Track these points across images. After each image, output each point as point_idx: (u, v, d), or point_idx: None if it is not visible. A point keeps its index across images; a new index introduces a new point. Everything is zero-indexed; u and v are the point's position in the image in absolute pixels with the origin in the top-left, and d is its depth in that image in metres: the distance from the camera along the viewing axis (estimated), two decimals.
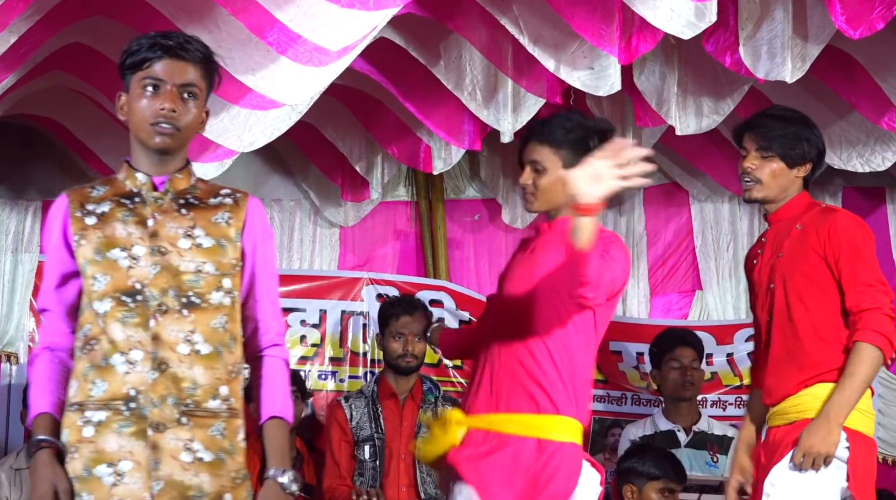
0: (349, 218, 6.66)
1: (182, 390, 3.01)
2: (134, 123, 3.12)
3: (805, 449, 3.75)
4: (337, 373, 6.37)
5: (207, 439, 3.02)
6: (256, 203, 3.23)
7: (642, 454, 5.19)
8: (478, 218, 6.96)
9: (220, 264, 3.10)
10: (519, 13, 4.89)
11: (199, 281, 3.07)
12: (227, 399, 3.07)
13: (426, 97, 5.56)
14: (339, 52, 4.39)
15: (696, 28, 4.55)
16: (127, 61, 3.12)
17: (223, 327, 3.08)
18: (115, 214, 3.10)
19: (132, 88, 3.12)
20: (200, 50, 3.15)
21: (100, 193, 3.15)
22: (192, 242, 3.09)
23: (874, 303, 3.80)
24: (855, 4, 4.63)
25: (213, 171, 5.04)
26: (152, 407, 2.99)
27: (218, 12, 4.34)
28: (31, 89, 4.94)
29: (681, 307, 7.00)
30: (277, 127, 4.79)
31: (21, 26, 4.14)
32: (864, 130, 5.97)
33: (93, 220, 3.09)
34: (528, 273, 3.68)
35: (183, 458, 2.99)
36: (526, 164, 3.74)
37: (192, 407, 3.01)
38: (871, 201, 7.01)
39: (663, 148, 6.52)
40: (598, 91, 4.98)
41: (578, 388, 3.65)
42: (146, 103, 3.08)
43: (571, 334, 3.64)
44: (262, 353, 3.21)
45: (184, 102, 3.10)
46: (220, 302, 3.09)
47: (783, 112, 4.09)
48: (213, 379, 3.05)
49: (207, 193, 3.19)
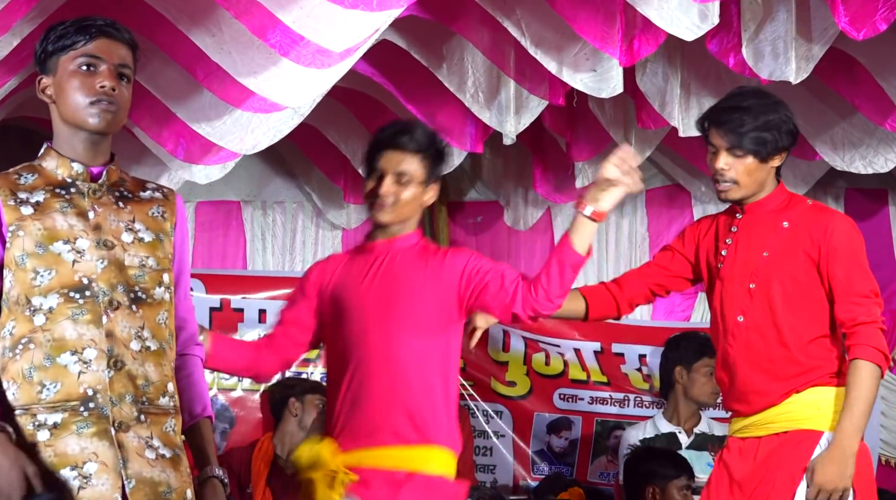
0: (352, 220, 6.66)
1: (138, 388, 2.92)
2: (67, 104, 2.96)
3: (820, 485, 3.64)
4: None
5: (164, 435, 2.96)
6: (181, 199, 3.15)
7: (657, 456, 5.21)
8: (480, 220, 6.96)
9: (160, 259, 3.02)
10: (521, 15, 4.89)
11: (143, 276, 2.98)
12: (172, 396, 3.01)
13: (428, 99, 5.56)
14: (342, 55, 4.38)
15: (699, 30, 4.54)
16: (52, 45, 2.96)
17: (164, 323, 3.01)
18: (52, 204, 2.94)
19: (61, 69, 2.96)
20: (130, 34, 3.03)
21: (29, 180, 2.98)
22: (135, 236, 2.99)
23: (869, 316, 3.70)
24: (858, 6, 4.62)
25: (216, 173, 5.04)
26: (112, 406, 2.88)
27: (220, 14, 4.33)
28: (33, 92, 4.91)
29: (683, 309, 6.99)
30: (280, 129, 4.78)
31: (24, 29, 4.14)
32: (867, 132, 5.96)
33: (29, 210, 2.93)
34: (394, 294, 3.60)
35: (148, 455, 2.91)
36: (387, 172, 3.64)
37: (147, 405, 2.93)
38: (873, 203, 7.01)
39: (665, 149, 6.52)
40: (600, 93, 4.98)
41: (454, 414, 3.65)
42: (81, 81, 2.94)
43: (453, 358, 3.64)
44: (187, 351, 3.15)
45: (120, 81, 2.97)
46: (161, 298, 3.01)
47: (749, 101, 3.84)
48: (162, 376, 2.98)
49: (136, 186, 3.08)
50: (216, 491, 3.07)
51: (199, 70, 4.62)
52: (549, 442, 6.61)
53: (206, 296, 6.00)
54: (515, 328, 6.55)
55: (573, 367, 6.62)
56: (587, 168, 6.28)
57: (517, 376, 6.55)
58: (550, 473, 6.37)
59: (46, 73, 3.01)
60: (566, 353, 6.59)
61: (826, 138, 6.05)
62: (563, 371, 6.59)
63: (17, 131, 5.97)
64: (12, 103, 4.90)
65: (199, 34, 4.42)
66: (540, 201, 6.72)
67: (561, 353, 6.60)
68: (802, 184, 6.67)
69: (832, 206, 7.00)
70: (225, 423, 6.11)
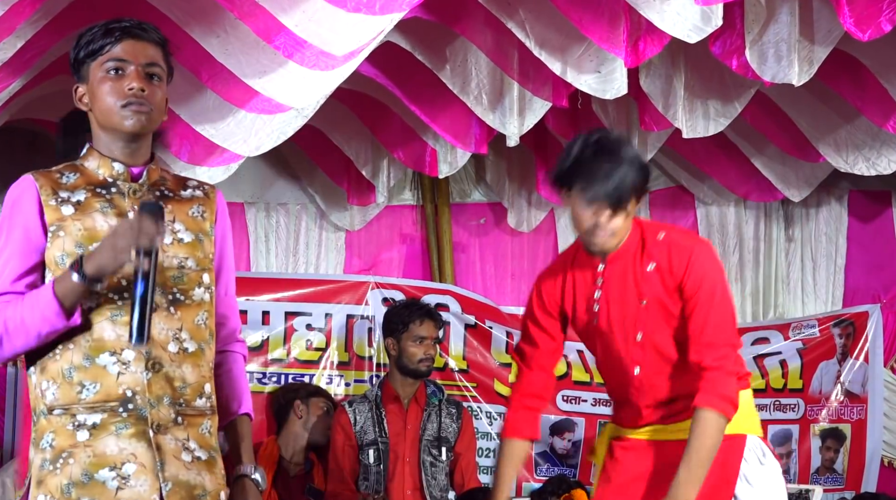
0: (355, 222, 6.66)
1: (175, 390, 2.91)
2: (101, 109, 2.95)
3: None
4: (343, 377, 6.37)
5: (200, 437, 2.95)
6: (222, 196, 3.13)
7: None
8: (483, 222, 6.96)
9: (200, 260, 3.00)
10: (525, 17, 4.89)
11: (182, 277, 2.96)
12: (209, 397, 3.00)
13: (432, 101, 5.56)
14: (346, 57, 4.39)
15: (703, 32, 4.54)
16: (83, 51, 2.97)
17: (204, 323, 3.00)
18: (93, 204, 2.93)
19: (92, 76, 2.95)
20: (157, 32, 3.01)
21: (70, 180, 2.96)
22: (174, 237, 2.97)
23: (719, 361, 3.57)
24: (863, 6, 4.63)
25: (220, 175, 5.04)
26: (150, 408, 2.88)
27: (225, 17, 4.34)
28: (37, 94, 4.94)
29: None
30: (284, 131, 4.79)
31: (27, 31, 4.14)
32: (870, 134, 5.97)
33: (69, 210, 2.91)
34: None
35: (184, 458, 2.91)
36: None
37: (183, 407, 2.93)
38: (876, 205, 7.01)
39: (669, 151, 6.52)
40: (604, 94, 4.98)
41: None
42: (111, 86, 2.92)
43: None
44: (227, 348, 3.14)
45: (150, 81, 2.95)
46: (201, 298, 2.99)
47: (598, 157, 3.54)
48: (199, 377, 2.97)
49: (177, 184, 3.06)
50: (246, 491, 3.06)
51: (203, 71, 4.63)
52: (552, 444, 6.62)
53: None
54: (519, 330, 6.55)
55: (576, 368, 6.62)
56: None
57: None
58: (554, 475, 6.37)
59: (81, 81, 3.00)
60: (569, 354, 6.59)
61: (829, 140, 6.06)
62: (567, 373, 6.60)
63: (22, 133, 5.98)
64: (16, 105, 4.90)
65: (205, 36, 4.42)
66: (543, 203, 6.72)
67: (564, 354, 6.59)
68: (806, 186, 6.68)
69: (836, 208, 7.02)
70: None
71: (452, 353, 6.47)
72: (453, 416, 5.73)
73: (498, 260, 6.94)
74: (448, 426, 5.69)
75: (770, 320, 6.99)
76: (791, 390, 6.79)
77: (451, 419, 5.71)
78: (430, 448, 5.64)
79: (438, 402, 5.71)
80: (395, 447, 5.60)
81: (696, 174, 6.88)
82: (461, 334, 6.51)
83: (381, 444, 5.58)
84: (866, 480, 6.72)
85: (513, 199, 6.77)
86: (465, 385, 6.45)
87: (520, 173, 6.74)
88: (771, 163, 6.55)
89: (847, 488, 6.73)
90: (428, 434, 5.64)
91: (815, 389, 6.79)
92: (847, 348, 6.76)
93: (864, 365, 6.75)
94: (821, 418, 6.77)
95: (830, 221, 7.05)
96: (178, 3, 4.36)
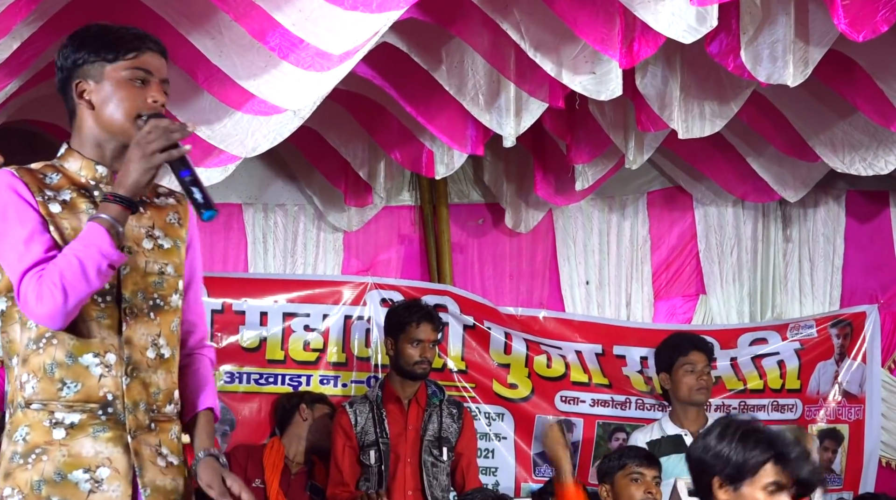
0: (353, 223, 6.66)
1: (150, 396, 2.94)
2: (110, 112, 2.94)
3: None
4: (339, 378, 6.37)
5: (170, 443, 2.98)
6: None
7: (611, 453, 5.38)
8: (481, 222, 6.96)
9: (178, 266, 3.03)
10: (520, 18, 4.89)
11: (162, 283, 2.99)
12: (177, 403, 3.03)
13: (429, 102, 5.56)
14: (342, 57, 4.39)
15: (698, 33, 4.53)
16: (97, 51, 2.95)
17: (176, 329, 3.03)
18: (79, 204, 2.93)
19: (108, 78, 2.94)
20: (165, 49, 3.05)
21: (54, 180, 2.95)
22: (154, 243, 3.00)
23: None
24: (858, 7, 4.61)
25: (217, 176, 5.04)
26: (128, 413, 2.90)
27: (220, 17, 4.34)
28: (34, 95, 4.94)
29: (685, 312, 6.99)
30: (280, 132, 4.79)
31: (24, 32, 4.15)
32: (868, 134, 5.96)
33: (57, 207, 2.91)
34: None
35: (159, 463, 2.94)
36: None
37: (156, 413, 2.95)
38: (874, 205, 7.02)
39: (666, 152, 6.52)
40: (599, 96, 4.98)
41: None
42: (133, 93, 2.93)
43: None
44: (196, 351, 3.16)
45: (165, 97, 2.98)
46: (176, 305, 3.02)
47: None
48: (171, 383, 3.00)
49: (151, 192, 3.07)
50: (211, 466, 3.02)
51: (199, 73, 4.63)
52: None
53: (207, 299, 6.01)
54: (517, 330, 6.56)
55: (575, 369, 6.62)
56: (587, 171, 6.29)
57: (519, 379, 6.56)
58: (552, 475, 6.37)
59: (86, 78, 2.97)
60: (568, 355, 6.60)
61: (826, 140, 6.05)
62: (565, 374, 6.60)
63: (18, 134, 5.98)
64: (13, 106, 4.90)
65: (199, 37, 4.43)
66: (541, 204, 6.72)
67: (562, 355, 6.60)
68: (803, 187, 6.67)
69: (833, 208, 7.03)
70: (225, 425, 6.14)
71: (451, 353, 6.47)
72: (454, 416, 5.73)
73: (496, 261, 6.94)
74: (449, 426, 5.70)
75: (768, 320, 6.99)
76: (789, 390, 6.79)
77: (452, 419, 5.72)
78: (431, 449, 5.65)
79: (439, 402, 5.72)
80: (395, 447, 5.60)
81: (693, 175, 6.88)
82: (459, 335, 6.51)
83: (381, 445, 5.58)
84: (864, 480, 6.73)
85: (510, 199, 6.77)
86: (463, 386, 6.45)
87: (517, 174, 6.74)
88: (768, 163, 6.55)
89: (845, 488, 6.74)
90: (429, 435, 5.65)
91: (813, 389, 6.79)
92: (845, 348, 6.76)
93: (862, 365, 6.76)
94: (819, 418, 6.77)
95: (828, 221, 7.05)
96: (172, 4, 4.36)
